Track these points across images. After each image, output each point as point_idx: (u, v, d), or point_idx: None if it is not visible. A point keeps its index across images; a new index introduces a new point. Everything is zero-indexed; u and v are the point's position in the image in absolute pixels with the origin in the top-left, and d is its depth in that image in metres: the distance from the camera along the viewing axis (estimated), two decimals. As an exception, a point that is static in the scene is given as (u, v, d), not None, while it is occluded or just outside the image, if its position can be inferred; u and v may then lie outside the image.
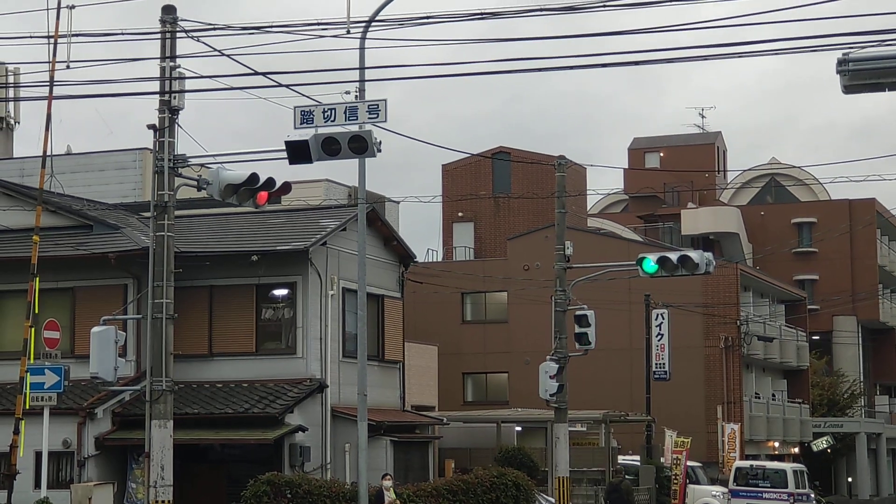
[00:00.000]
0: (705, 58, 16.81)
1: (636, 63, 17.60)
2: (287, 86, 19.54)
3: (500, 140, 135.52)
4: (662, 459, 42.05)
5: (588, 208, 68.11)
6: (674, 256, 27.88)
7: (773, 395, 58.00)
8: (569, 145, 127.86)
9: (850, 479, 65.92)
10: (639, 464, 41.02)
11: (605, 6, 16.85)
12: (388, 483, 25.99)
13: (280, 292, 29.70)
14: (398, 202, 44.93)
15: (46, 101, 23.01)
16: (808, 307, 64.75)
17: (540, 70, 17.26)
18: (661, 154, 76.81)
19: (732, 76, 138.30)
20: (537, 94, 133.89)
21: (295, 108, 17.66)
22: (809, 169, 75.13)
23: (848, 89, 13.46)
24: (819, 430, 61.16)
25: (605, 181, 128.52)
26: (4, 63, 42.53)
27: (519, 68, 17.19)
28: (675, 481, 41.20)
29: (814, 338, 64.81)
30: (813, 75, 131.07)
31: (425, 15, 17.96)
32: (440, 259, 56.22)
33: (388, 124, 17.69)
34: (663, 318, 46.02)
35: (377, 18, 21.85)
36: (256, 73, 19.42)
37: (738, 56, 16.20)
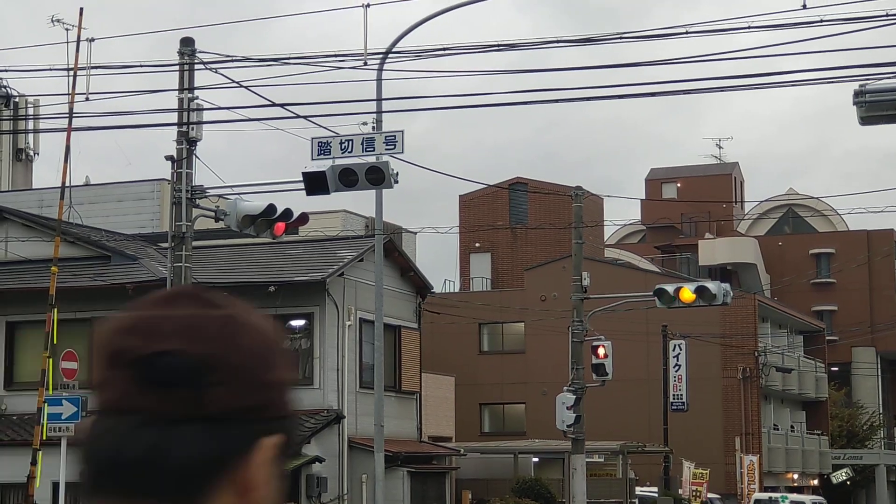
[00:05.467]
0: (722, 89, 16.85)
1: (653, 94, 17.64)
2: (305, 117, 19.63)
3: (531, 167, 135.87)
4: (680, 491, 41.86)
5: (605, 239, 68.08)
6: (691, 287, 27.85)
7: (792, 427, 57.73)
8: (601, 173, 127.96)
9: (869, 512, 65.47)
10: (657, 495, 40.85)
11: (621, 38, 16.90)
12: None
13: (297, 323, 29.72)
14: (415, 233, 44.96)
15: (66, 133, 23.12)
16: (827, 338, 64.48)
17: (558, 101, 17.30)
18: (679, 185, 76.75)
19: (770, 101, 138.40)
20: (571, 120, 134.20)
21: (312, 139, 17.73)
22: (829, 199, 74.96)
23: (865, 121, 13.44)
24: (838, 461, 60.80)
25: (628, 212, 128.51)
26: (24, 95, 42.77)
27: (540, 99, 17.23)
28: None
29: (833, 369, 64.53)
30: (848, 99, 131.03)
31: (442, 47, 18.04)
32: (457, 290, 56.18)
33: (417, 152, 17.86)
34: (681, 349, 45.89)
35: (394, 50, 21.94)
36: (274, 105, 19.52)
37: (755, 87, 16.22)
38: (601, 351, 29.75)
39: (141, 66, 19.17)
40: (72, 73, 21.76)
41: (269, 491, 1.43)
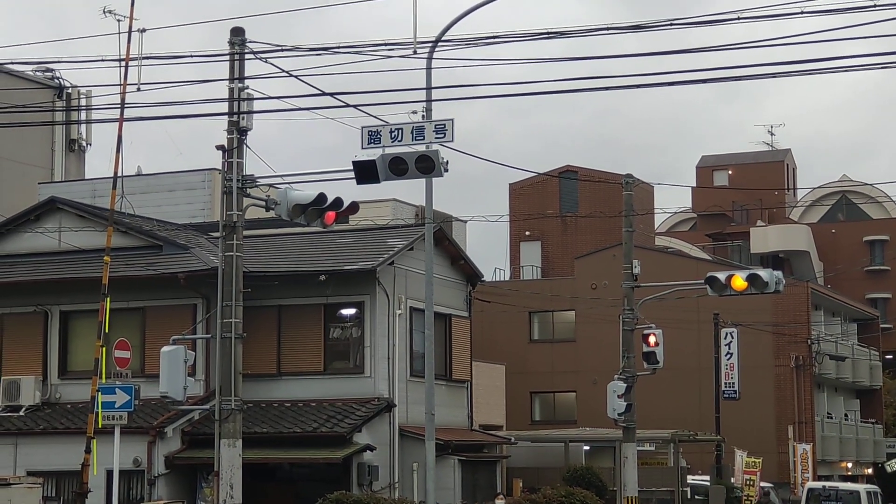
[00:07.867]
0: (774, 75, 16.69)
1: (706, 81, 17.51)
2: (355, 106, 19.64)
3: (583, 155, 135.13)
4: (733, 479, 41.63)
5: (656, 227, 67.80)
6: (743, 275, 27.66)
7: (846, 415, 57.27)
8: (654, 160, 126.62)
9: (924, 501, 64.86)
10: (709, 484, 40.65)
11: (672, 24, 16.78)
12: (500, 502, 26.35)
13: (348, 312, 29.79)
14: (465, 221, 44.89)
15: (118, 123, 23.26)
16: (881, 326, 63.91)
17: (610, 89, 17.20)
18: (730, 172, 76.30)
19: (826, 87, 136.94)
20: (623, 108, 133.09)
21: (362, 128, 17.71)
22: (883, 186, 74.26)
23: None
24: (893, 450, 60.28)
25: (679, 200, 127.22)
26: (77, 86, 43.10)
27: (592, 87, 17.14)
28: (748, 501, 40.78)
29: (887, 357, 63.94)
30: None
31: (492, 35, 17.98)
32: (507, 278, 56.12)
33: (469, 141, 17.79)
34: (732, 337, 45.61)
35: (444, 38, 21.90)
36: (324, 94, 19.53)
37: (808, 73, 16.05)
38: (652, 339, 29.60)
39: (192, 55, 19.24)
40: (123, 63, 21.90)
41: None
